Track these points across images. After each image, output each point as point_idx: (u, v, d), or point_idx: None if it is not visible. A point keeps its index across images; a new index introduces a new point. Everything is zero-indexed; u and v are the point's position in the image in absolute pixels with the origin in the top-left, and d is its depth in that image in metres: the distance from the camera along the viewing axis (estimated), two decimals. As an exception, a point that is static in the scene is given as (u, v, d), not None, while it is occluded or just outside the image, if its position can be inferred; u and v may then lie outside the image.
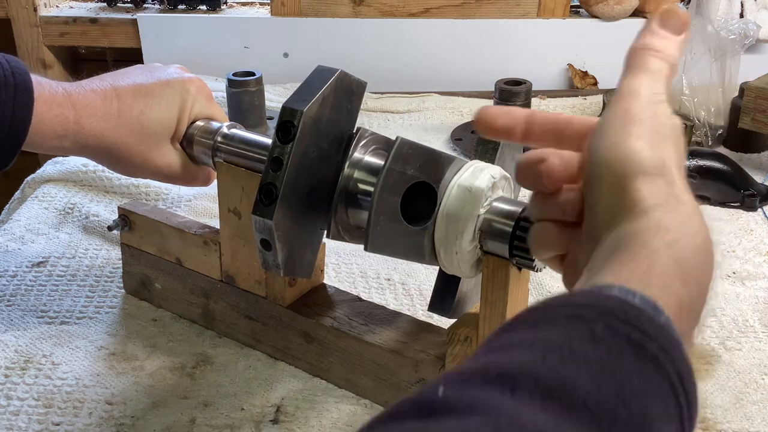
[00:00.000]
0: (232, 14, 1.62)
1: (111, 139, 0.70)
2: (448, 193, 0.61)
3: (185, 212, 1.02)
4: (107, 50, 1.69)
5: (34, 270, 0.91)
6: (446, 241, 0.61)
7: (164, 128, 0.73)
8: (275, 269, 0.63)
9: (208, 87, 0.77)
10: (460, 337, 0.64)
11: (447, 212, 0.61)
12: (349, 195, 0.64)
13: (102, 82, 0.72)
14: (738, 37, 1.23)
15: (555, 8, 1.57)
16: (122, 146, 0.71)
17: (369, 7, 1.58)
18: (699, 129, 1.22)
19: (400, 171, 0.60)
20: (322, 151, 0.63)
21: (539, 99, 1.42)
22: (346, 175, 0.64)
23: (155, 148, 0.73)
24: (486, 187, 0.61)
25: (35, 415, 0.70)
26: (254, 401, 0.72)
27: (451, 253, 0.61)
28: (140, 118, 0.71)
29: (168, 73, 0.75)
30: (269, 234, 0.61)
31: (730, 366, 0.77)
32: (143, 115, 0.71)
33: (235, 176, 0.72)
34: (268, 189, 0.61)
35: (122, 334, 0.81)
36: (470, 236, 0.60)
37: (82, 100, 0.68)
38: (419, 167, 0.61)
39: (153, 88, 0.73)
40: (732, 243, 0.98)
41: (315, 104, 0.61)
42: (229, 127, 0.75)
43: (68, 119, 0.67)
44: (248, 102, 1.21)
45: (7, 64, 0.65)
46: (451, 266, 0.63)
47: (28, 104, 0.64)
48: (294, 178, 0.61)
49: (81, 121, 0.68)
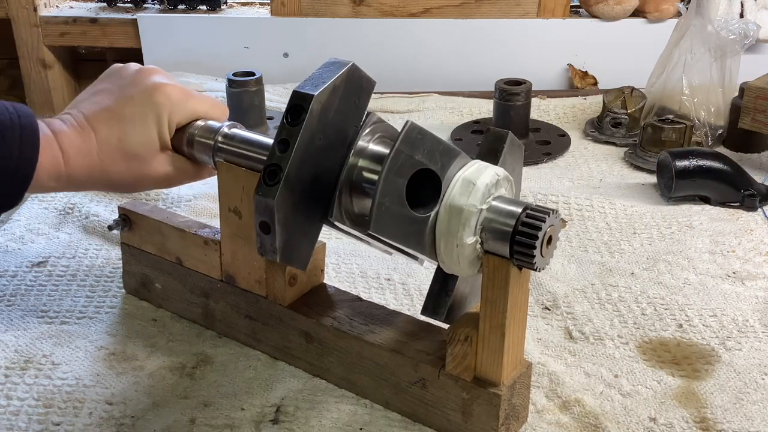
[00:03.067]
0: (232, 14, 1.62)
1: (100, 172, 0.70)
2: (453, 184, 0.62)
3: (185, 212, 1.03)
4: (107, 50, 1.69)
5: (34, 270, 0.91)
6: (448, 232, 0.61)
7: (147, 147, 0.72)
8: (272, 254, 0.63)
9: (179, 88, 0.75)
10: (461, 337, 0.64)
11: (450, 203, 0.61)
12: (355, 179, 0.64)
13: (76, 114, 0.71)
14: (738, 37, 1.23)
15: (555, 8, 1.57)
16: (113, 174, 0.71)
17: (369, 7, 1.58)
18: (699, 129, 1.22)
19: (408, 154, 0.60)
20: (328, 140, 0.63)
21: (539, 99, 1.42)
22: (353, 160, 0.64)
23: (146, 166, 0.72)
24: (490, 183, 0.61)
25: (35, 415, 0.70)
26: (254, 401, 0.72)
27: (452, 245, 0.61)
28: (120, 146, 0.70)
29: (135, 86, 0.73)
30: (270, 216, 0.61)
31: (730, 366, 0.77)
32: (122, 142, 0.70)
33: (235, 176, 0.72)
34: (272, 170, 0.61)
35: (122, 334, 0.81)
36: (472, 230, 0.61)
37: (64, 139, 0.68)
38: (427, 154, 0.61)
39: (124, 111, 0.71)
40: (732, 243, 0.98)
41: (326, 91, 0.62)
42: (230, 126, 0.75)
43: (59, 160, 0.68)
44: (248, 102, 1.21)
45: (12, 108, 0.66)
46: (450, 260, 0.62)
47: (35, 145, 0.65)
48: (299, 161, 0.61)
49: (69, 161, 0.68)
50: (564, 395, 0.73)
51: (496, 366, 0.64)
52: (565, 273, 0.92)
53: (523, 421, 0.69)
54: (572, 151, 1.26)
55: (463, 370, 0.65)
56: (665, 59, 1.27)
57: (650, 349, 0.80)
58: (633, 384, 0.75)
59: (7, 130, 0.64)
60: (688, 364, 0.77)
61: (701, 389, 0.74)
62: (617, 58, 1.56)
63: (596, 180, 1.16)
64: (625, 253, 0.97)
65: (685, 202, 1.08)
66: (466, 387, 0.65)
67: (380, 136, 0.66)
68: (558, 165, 1.21)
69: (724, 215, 1.05)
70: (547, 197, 1.08)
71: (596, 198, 1.08)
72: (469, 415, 0.66)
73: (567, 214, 1.05)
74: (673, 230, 1.01)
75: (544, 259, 0.60)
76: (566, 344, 0.80)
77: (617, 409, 0.71)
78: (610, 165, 1.21)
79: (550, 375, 0.75)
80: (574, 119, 1.38)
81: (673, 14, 1.56)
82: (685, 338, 0.81)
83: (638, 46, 1.51)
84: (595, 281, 0.91)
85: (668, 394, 0.73)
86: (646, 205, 1.07)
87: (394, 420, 0.70)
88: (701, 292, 0.89)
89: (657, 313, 0.85)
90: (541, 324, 0.84)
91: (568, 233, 1.01)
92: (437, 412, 0.68)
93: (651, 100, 1.26)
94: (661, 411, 0.71)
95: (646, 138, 1.18)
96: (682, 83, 1.23)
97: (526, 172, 1.18)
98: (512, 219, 0.60)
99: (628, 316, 0.84)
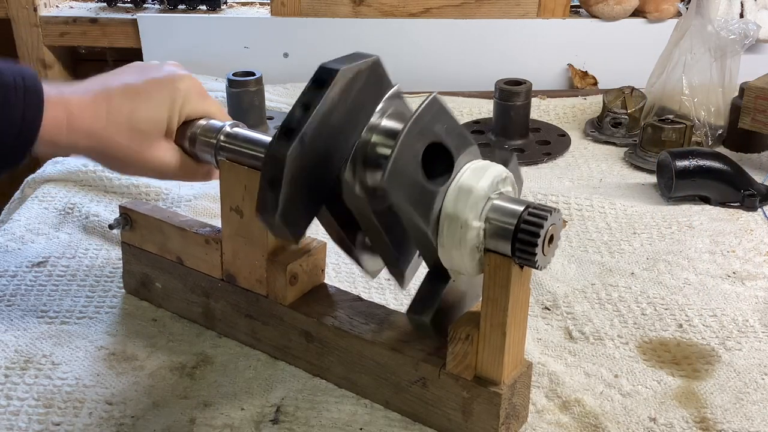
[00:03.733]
0: (232, 14, 1.62)
1: (102, 140, 0.71)
2: (463, 171, 0.62)
3: (185, 212, 1.02)
4: (107, 50, 1.69)
5: (34, 270, 0.91)
6: (455, 212, 0.61)
7: (154, 126, 0.73)
8: (272, 211, 0.63)
9: (200, 84, 0.78)
10: (461, 336, 0.64)
11: (461, 185, 0.61)
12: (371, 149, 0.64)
13: (94, 83, 0.73)
14: (738, 37, 1.23)
15: (555, 8, 1.57)
16: (114, 145, 0.72)
17: (369, 7, 1.58)
18: (699, 129, 1.22)
19: (430, 120, 0.61)
20: (343, 121, 0.64)
21: (539, 99, 1.42)
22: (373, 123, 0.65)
23: (147, 146, 0.73)
24: (500, 173, 0.62)
25: (35, 415, 0.70)
26: (254, 401, 0.72)
27: (456, 227, 0.61)
28: (129, 118, 0.72)
29: (160, 72, 0.75)
30: (279, 170, 0.62)
31: (730, 366, 0.77)
32: (132, 114, 0.72)
33: (237, 175, 0.72)
34: (290, 129, 0.62)
35: (122, 334, 0.81)
36: (478, 213, 0.60)
37: (74, 101, 0.70)
38: (445, 130, 0.62)
39: (142, 88, 0.73)
40: (732, 243, 0.98)
41: (352, 69, 0.64)
42: (232, 125, 0.75)
43: (61, 121, 0.68)
44: (248, 102, 1.21)
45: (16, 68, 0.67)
46: (450, 244, 0.62)
47: (38, 105, 0.66)
48: (317, 125, 0.62)
49: (73, 122, 0.69)
50: (564, 395, 0.73)
51: (496, 365, 0.64)
52: (565, 273, 0.92)
53: (523, 421, 0.69)
54: (572, 151, 1.26)
55: (463, 369, 0.65)
56: (665, 59, 1.27)
57: (650, 349, 0.80)
58: (633, 384, 0.75)
59: (11, 91, 0.65)
60: (688, 364, 0.77)
61: (701, 389, 0.74)
62: (617, 58, 1.56)
63: (596, 180, 1.16)
64: (625, 253, 0.97)
65: (685, 202, 1.08)
66: (466, 386, 0.65)
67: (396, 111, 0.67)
68: (558, 165, 1.21)
69: (724, 215, 1.05)
70: (547, 197, 1.08)
71: (596, 198, 1.08)
72: (470, 415, 0.66)
73: (567, 214, 1.05)
74: (673, 230, 1.02)
75: (546, 257, 0.60)
76: (566, 344, 0.80)
77: (617, 409, 0.71)
78: (610, 165, 1.21)
79: (550, 375, 0.75)
80: (574, 119, 1.38)
81: (673, 14, 1.56)
82: (685, 338, 0.81)
83: (638, 46, 1.51)
84: (595, 281, 0.91)
85: (668, 394, 0.73)
86: (646, 205, 1.07)
87: (394, 420, 0.70)
88: (701, 292, 0.89)
89: (657, 313, 0.85)
90: (541, 324, 0.84)
91: (568, 233, 1.01)
92: (438, 412, 0.68)
93: (651, 100, 1.26)
94: (661, 411, 0.71)
95: (646, 138, 1.18)
96: (682, 83, 1.23)
97: (526, 172, 1.18)
98: (514, 217, 0.60)
99: (628, 316, 0.84)
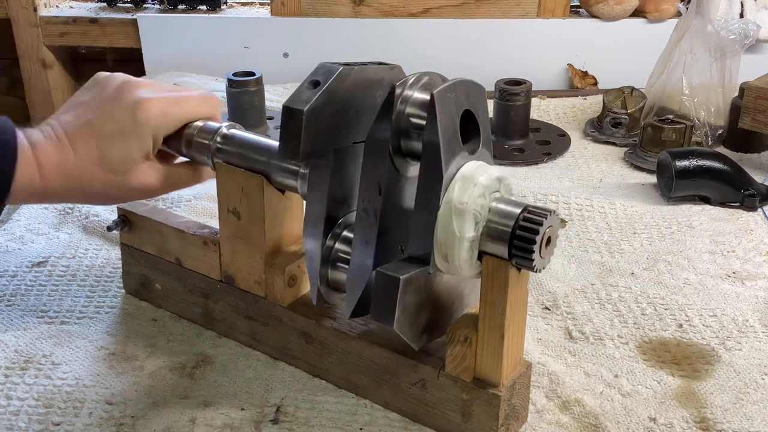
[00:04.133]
0: (232, 14, 1.62)
1: (78, 186, 0.70)
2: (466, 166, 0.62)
3: (185, 212, 1.03)
4: (107, 50, 1.69)
5: (34, 270, 0.91)
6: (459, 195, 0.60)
7: (127, 164, 0.71)
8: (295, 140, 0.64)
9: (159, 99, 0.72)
10: (460, 338, 0.64)
11: (464, 174, 0.61)
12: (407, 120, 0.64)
13: (56, 126, 0.70)
14: (738, 37, 1.23)
15: (555, 8, 1.57)
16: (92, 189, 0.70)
17: (369, 7, 1.58)
18: (699, 129, 1.22)
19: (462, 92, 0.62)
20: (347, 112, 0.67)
21: (539, 99, 1.42)
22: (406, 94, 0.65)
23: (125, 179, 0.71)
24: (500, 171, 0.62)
25: (35, 415, 0.70)
26: (254, 401, 0.72)
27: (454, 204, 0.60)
28: (99, 162, 0.70)
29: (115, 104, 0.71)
30: None
31: (730, 366, 0.77)
32: (100, 159, 0.70)
33: (234, 177, 0.72)
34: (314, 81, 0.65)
35: (122, 334, 0.81)
36: (480, 190, 0.60)
37: (41, 152, 0.68)
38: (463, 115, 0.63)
39: (103, 128, 0.70)
40: (732, 243, 0.98)
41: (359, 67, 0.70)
42: (229, 127, 0.75)
43: (34, 177, 0.67)
44: (248, 102, 1.21)
45: None
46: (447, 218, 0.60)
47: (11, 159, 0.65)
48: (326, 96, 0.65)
49: (45, 175, 0.68)
50: (564, 395, 0.73)
51: (495, 367, 0.64)
52: (565, 273, 0.92)
53: (523, 421, 0.69)
54: (572, 151, 1.26)
55: (462, 371, 0.65)
56: (665, 59, 1.27)
57: (650, 349, 0.80)
58: (633, 384, 0.75)
59: None
60: (688, 364, 0.77)
61: (701, 389, 0.74)
62: (617, 58, 1.56)
63: (596, 180, 1.16)
64: (625, 253, 0.97)
65: (685, 202, 1.08)
66: (465, 388, 0.65)
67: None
68: (558, 165, 1.21)
69: (724, 215, 1.05)
70: (547, 197, 1.08)
71: (596, 198, 1.08)
72: (469, 416, 0.66)
73: (567, 214, 1.05)
74: (673, 230, 1.01)
75: (543, 260, 0.60)
76: (566, 344, 0.80)
77: (617, 409, 0.71)
78: (610, 165, 1.21)
79: (550, 375, 0.75)
80: (574, 119, 1.38)
81: (673, 14, 1.56)
82: (685, 338, 0.81)
83: (638, 46, 1.51)
84: (595, 281, 0.91)
85: (668, 394, 0.73)
86: (646, 205, 1.07)
87: (394, 420, 0.70)
88: (701, 292, 0.89)
89: (657, 313, 0.85)
90: (541, 324, 0.84)
91: (568, 233, 1.01)
92: (437, 413, 0.68)
93: (651, 100, 1.26)
94: (661, 411, 0.71)
95: (646, 138, 1.18)
96: (682, 83, 1.23)
97: (526, 172, 1.18)
98: (511, 220, 0.60)
99: (628, 316, 0.84)
